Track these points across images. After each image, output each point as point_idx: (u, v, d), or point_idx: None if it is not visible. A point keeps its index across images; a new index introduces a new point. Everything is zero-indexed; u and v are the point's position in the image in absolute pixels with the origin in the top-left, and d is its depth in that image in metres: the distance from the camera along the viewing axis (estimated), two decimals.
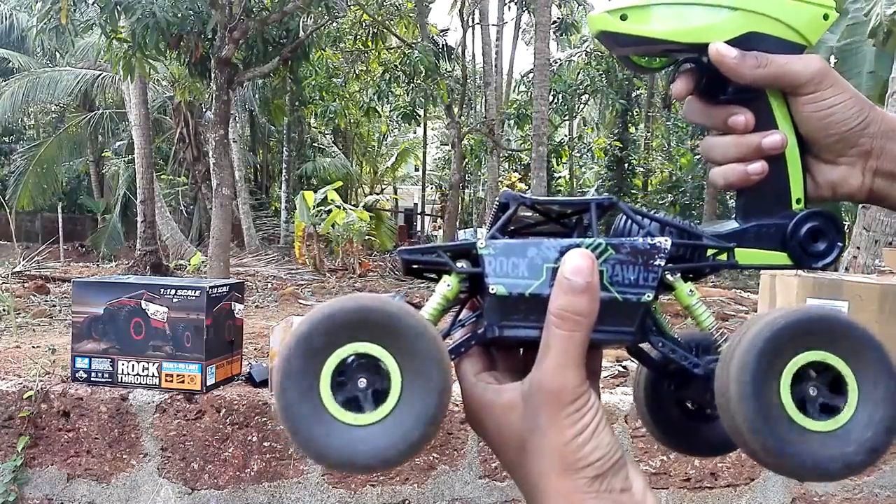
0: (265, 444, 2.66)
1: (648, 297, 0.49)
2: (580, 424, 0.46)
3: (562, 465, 0.46)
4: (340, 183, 13.78)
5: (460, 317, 0.54)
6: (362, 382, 0.45)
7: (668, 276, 0.50)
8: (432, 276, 0.53)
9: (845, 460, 0.45)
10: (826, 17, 0.51)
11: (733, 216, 0.56)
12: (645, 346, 0.53)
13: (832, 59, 7.56)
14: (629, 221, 0.52)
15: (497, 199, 0.53)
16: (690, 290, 0.51)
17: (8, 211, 11.41)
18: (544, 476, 0.47)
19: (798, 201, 0.53)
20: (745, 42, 0.50)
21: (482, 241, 0.49)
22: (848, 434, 0.45)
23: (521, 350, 0.55)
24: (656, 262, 0.49)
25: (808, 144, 0.53)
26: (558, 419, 0.46)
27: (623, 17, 0.50)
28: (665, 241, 0.49)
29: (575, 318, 0.46)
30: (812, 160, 0.54)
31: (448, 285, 0.50)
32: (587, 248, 0.49)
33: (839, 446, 0.45)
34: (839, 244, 0.53)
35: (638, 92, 18.66)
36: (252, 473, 2.66)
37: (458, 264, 0.50)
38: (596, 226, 0.51)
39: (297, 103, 16.34)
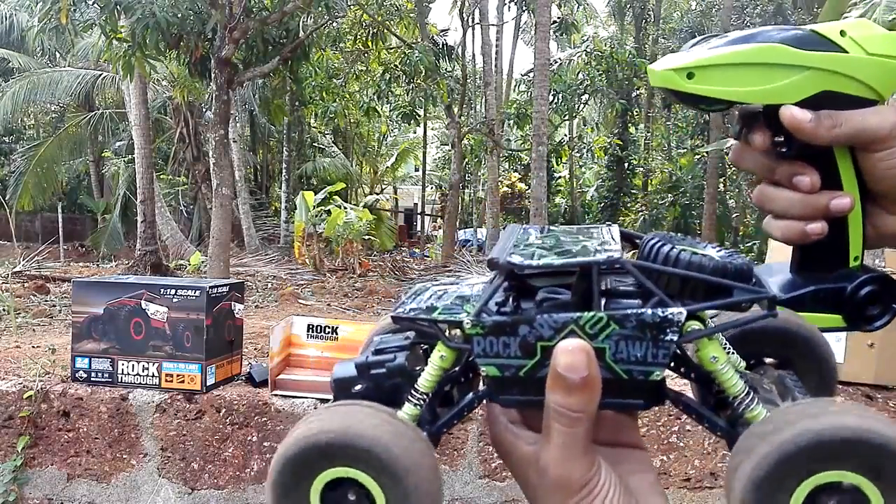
0: (265, 444, 2.66)
1: (658, 375, 0.44)
2: None
3: None
4: (343, 185, 13.79)
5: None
6: (352, 496, 0.43)
7: (687, 345, 0.45)
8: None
9: None
10: None
11: (788, 265, 0.51)
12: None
13: None
14: (658, 249, 0.46)
15: (487, 265, 0.48)
16: (714, 357, 0.45)
17: (8, 211, 11.42)
18: None
19: (856, 258, 0.50)
20: (817, 101, 0.46)
21: (468, 321, 0.45)
22: None
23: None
24: (668, 338, 0.43)
25: (874, 196, 0.50)
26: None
27: (689, 76, 0.47)
28: (679, 314, 0.43)
29: (574, 416, 0.43)
30: (875, 209, 0.51)
31: (442, 356, 0.47)
32: (587, 323, 0.43)
33: None
34: (894, 308, 0.49)
35: (638, 92, 18.66)
36: (252, 473, 2.66)
37: (453, 333, 0.47)
38: (598, 295, 0.45)
39: (297, 103, 16.34)
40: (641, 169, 19.96)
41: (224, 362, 2.76)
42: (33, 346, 3.61)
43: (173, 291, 2.62)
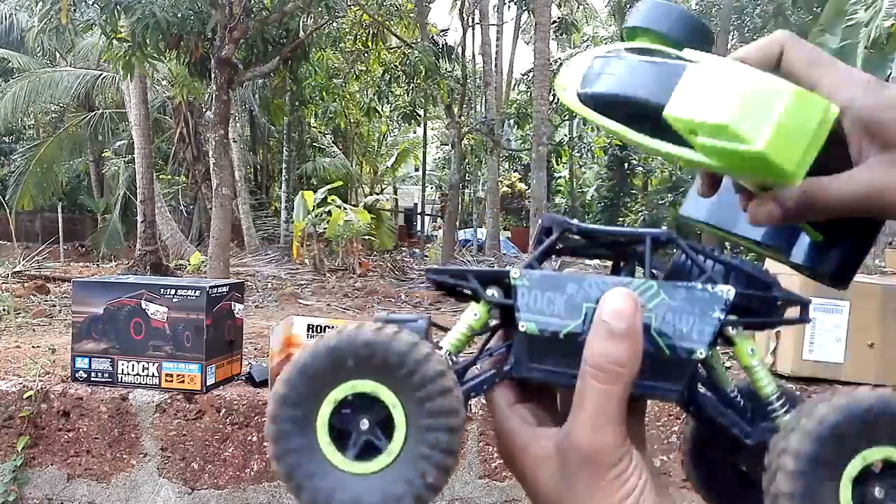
0: (265, 444, 2.66)
1: (701, 354, 0.42)
2: (625, 489, 0.41)
3: None
4: (341, 183, 13.79)
5: (489, 345, 0.49)
6: (364, 424, 0.41)
7: (730, 330, 0.44)
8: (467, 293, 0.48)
9: None
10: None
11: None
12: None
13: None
14: (683, 266, 0.45)
15: (540, 222, 0.47)
16: (752, 350, 0.44)
17: (8, 211, 11.41)
18: None
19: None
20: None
21: (516, 271, 0.43)
22: None
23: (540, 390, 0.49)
24: (714, 314, 0.42)
25: None
26: (597, 485, 0.41)
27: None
28: (728, 291, 0.42)
29: (613, 369, 0.40)
30: None
31: (475, 314, 0.45)
32: (637, 289, 0.42)
33: None
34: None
35: None
36: (252, 473, 2.66)
37: (489, 292, 0.45)
38: (650, 264, 0.44)
39: (297, 103, 16.33)
40: (641, 169, 19.96)
41: (224, 362, 2.76)
42: (33, 346, 3.61)
43: (173, 291, 2.62)
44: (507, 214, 21.62)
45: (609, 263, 0.51)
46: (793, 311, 0.46)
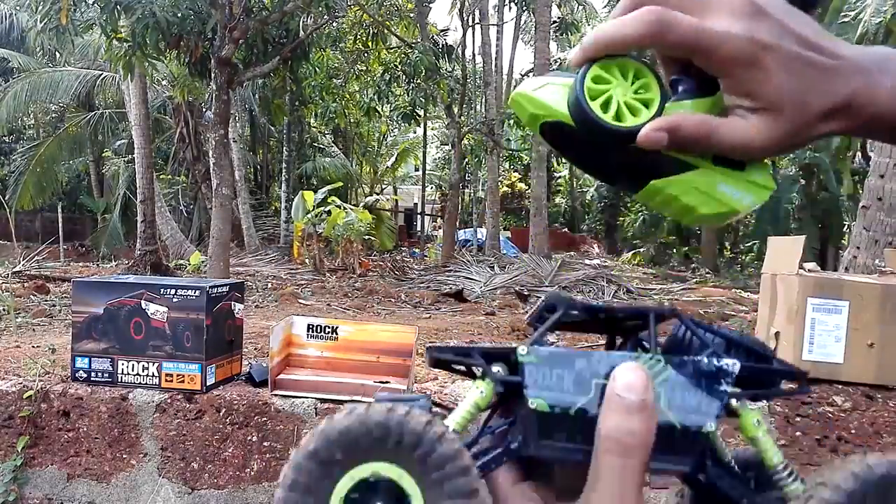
0: (265, 443, 2.66)
1: (711, 427, 0.42)
2: None
3: None
4: (341, 184, 13.79)
5: (490, 423, 0.48)
6: None
7: (734, 402, 0.44)
8: (460, 368, 0.48)
9: None
10: None
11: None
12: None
13: None
14: (683, 340, 0.46)
15: (543, 299, 0.48)
16: (757, 421, 0.45)
17: (8, 211, 11.41)
18: None
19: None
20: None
21: (524, 348, 0.43)
22: None
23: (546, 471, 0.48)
24: (722, 388, 0.43)
25: None
26: None
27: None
28: (734, 365, 0.43)
29: (629, 442, 0.40)
30: None
31: (481, 392, 0.44)
32: (644, 364, 0.43)
33: None
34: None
35: None
36: (252, 473, 2.66)
37: (494, 369, 0.44)
38: (655, 339, 0.45)
39: (297, 103, 16.35)
40: None
41: (224, 362, 2.76)
42: (33, 346, 3.61)
43: (173, 291, 2.62)
44: (507, 214, 21.63)
45: (604, 340, 0.52)
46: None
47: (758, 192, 0.49)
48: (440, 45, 11.99)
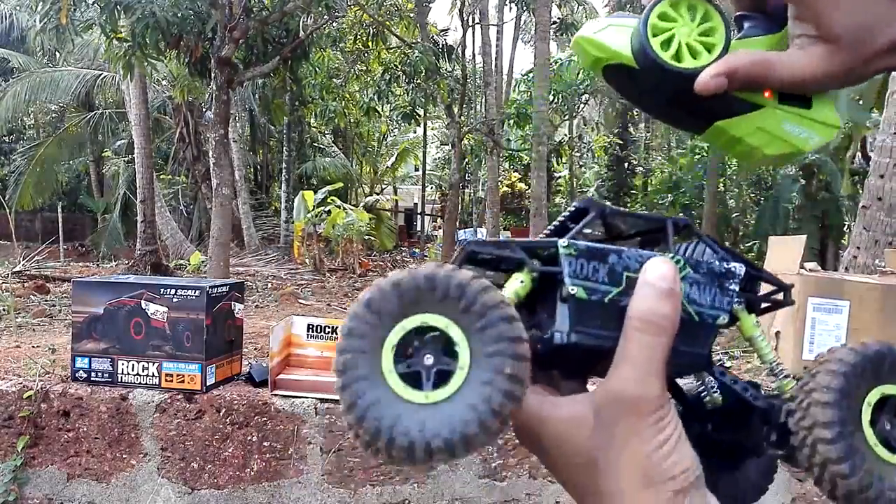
0: (265, 444, 2.66)
1: (723, 319, 0.48)
2: (662, 436, 0.44)
3: (643, 480, 0.44)
4: (341, 184, 13.79)
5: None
6: (428, 357, 0.42)
7: (735, 306, 0.50)
8: (489, 272, 0.50)
9: None
10: None
11: None
12: (680, 381, 0.52)
13: None
14: (695, 250, 0.52)
15: (575, 203, 0.52)
16: (756, 322, 0.51)
17: (8, 211, 11.40)
18: (621, 494, 0.45)
19: None
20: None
21: (564, 241, 0.47)
22: None
23: (557, 371, 0.51)
24: (731, 287, 0.49)
25: None
26: (639, 430, 0.44)
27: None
28: (740, 267, 0.49)
29: (660, 323, 0.45)
30: None
31: (521, 282, 0.47)
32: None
33: None
34: None
35: None
36: (252, 473, 2.66)
37: (533, 262, 0.48)
38: (672, 243, 0.50)
39: (297, 103, 16.33)
40: (641, 169, 19.96)
41: (224, 362, 2.76)
42: (33, 346, 3.60)
43: (173, 291, 2.61)
44: (507, 214, 21.61)
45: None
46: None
47: (824, 130, 0.50)
48: (440, 45, 11.98)
